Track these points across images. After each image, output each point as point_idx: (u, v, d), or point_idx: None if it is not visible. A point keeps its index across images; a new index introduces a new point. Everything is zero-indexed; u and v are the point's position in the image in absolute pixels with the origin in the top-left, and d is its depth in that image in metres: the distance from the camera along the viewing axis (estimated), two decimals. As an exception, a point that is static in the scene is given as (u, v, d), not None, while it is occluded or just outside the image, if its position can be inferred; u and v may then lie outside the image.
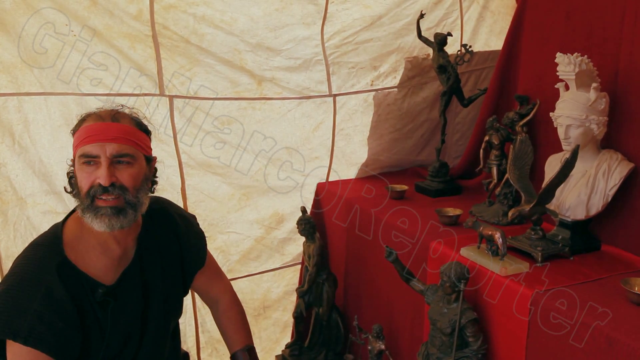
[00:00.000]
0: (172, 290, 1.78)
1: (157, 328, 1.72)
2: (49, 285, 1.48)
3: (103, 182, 1.49)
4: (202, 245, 1.92)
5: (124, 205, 1.53)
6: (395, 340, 2.45)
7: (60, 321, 1.47)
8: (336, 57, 2.90)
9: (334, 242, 2.90)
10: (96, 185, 1.50)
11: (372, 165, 3.10)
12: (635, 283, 1.72)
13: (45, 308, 1.45)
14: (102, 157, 1.51)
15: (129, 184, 1.54)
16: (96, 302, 1.56)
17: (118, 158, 1.53)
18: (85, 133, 1.52)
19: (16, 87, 2.28)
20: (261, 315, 3.08)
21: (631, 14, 2.09)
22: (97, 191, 1.50)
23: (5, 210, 2.34)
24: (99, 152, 1.51)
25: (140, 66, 2.48)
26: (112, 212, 1.51)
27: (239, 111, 2.76)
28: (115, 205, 1.52)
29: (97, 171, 1.51)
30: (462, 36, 3.17)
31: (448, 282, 1.89)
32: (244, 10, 2.63)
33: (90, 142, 1.50)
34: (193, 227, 1.92)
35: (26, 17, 2.22)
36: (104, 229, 1.52)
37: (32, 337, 1.42)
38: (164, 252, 1.75)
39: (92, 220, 1.52)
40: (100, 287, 1.56)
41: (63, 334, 1.47)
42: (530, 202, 1.98)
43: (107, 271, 1.60)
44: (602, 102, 2.00)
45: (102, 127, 1.52)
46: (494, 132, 2.49)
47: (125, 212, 1.54)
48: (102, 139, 1.51)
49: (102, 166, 1.50)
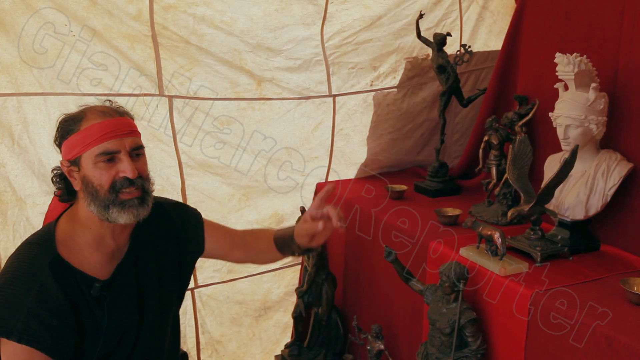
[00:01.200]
0: (167, 282, 1.77)
1: (154, 322, 1.71)
2: (42, 283, 1.47)
3: (131, 175, 1.52)
4: (200, 231, 1.89)
5: (144, 195, 1.58)
6: (394, 340, 2.45)
7: (55, 318, 1.46)
8: (336, 57, 2.90)
9: (333, 242, 2.89)
10: (120, 179, 1.52)
11: (372, 166, 3.10)
12: (635, 283, 1.72)
13: (39, 306, 1.45)
14: (122, 152, 1.53)
15: (145, 174, 1.60)
16: (92, 298, 1.55)
17: (135, 151, 1.57)
18: (98, 130, 1.52)
19: (15, 87, 2.27)
20: (262, 316, 3.08)
21: (630, 13, 2.09)
22: (124, 184, 1.52)
23: (5, 211, 2.34)
24: (119, 147, 1.53)
25: (139, 66, 2.48)
26: (138, 203, 1.55)
27: (239, 111, 2.76)
28: (139, 196, 1.56)
29: (117, 165, 1.53)
30: (461, 36, 3.17)
31: (447, 282, 1.89)
32: (243, 11, 2.63)
33: (109, 139, 1.52)
34: (187, 213, 1.89)
35: (25, 17, 2.21)
36: (131, 220, 1.55)
37: (26, 334, 1.42)
38: (158, 244, 1.75)
39: (118, 214, 1.53)
40: (96, 282, 1.56)
41: (57, 331, 1.47)
42: (529, 202, 1.98)
43: (101, 266, 1.60)
44: (601, 102, 2.00)
45: (116, 123, 1.55)
46: (493, 132, 2.50)
47: (147, 201, 1.58)
48: (120, 134, 1.53)
49: (124, 160, 1.53)
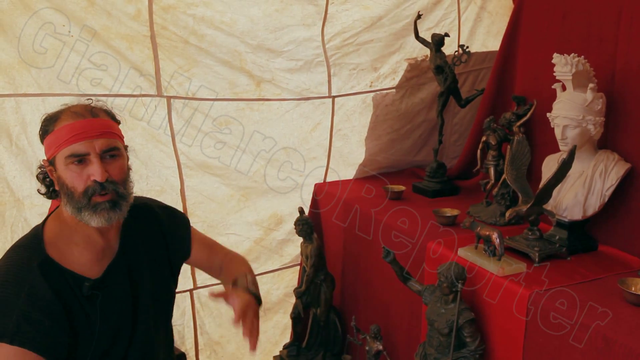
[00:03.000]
0: (160, 280, 1.76)
1: (148, 321, 1.70)
2: (32, 284, 1.47)
3: (99, 178, 1.49)
4: (187, 235, 1.89)
5: (117, 199, 1.54)
6: (392, 340, 2.45)
7: (47, 319, 1.46)
8: (337, 58, 2.90)
9: (331, 242, 2.89)
10: (92, 185, 1.50)
11: (370, 166, 3.10)
12: (632, 283, 1.72)
13: (30, 307, 1.44)
14: (92, 154, 1.50)
15: (119, 177, 1.55)
16: (83, 297, 1.54)
17: (107, 153, 1.53)
18: (68, 132, 1.49)
19: (14, 88, 2.27)
20: (261, 317, 3.05)
21: (627, 14, 2.09)
22: (96, 189, 1.50)
23: (3, 212, 2.33)
24: (89, 150, 1.49)
25: (138, 67, 2.47)
26: (109, 206, 1.52)
27: (237, 112, 2.75)
28: (110, 199, 1.53)
29: (87, 168, 1.50)
30: (459, 37, 3.17)
31: (445, 282, 1.89)
32: (243, 11, 2.63)
33: (78, 141, 1.48)
34: (176, 217, 1.89)
35: (23, 17, 2.21)
36: (102, 223, 1.53)
37: (18, 336, 1.41)
38: (147, 243, 1.74)
39: (90, 217, 1.51)
40: (86, 281, 1.55)
41: (50, 332, 1.46)
42: (527, 202, 1.99)
43: (91, 265, 1.59)
44: (598, 103, 2.01)
45: (86, 124, 1.51)
46: (491, 133, 2.50)
47: (119, 204, 1.55)
48: (90, 136, 1.49)
49: (93, 163, 1.49)
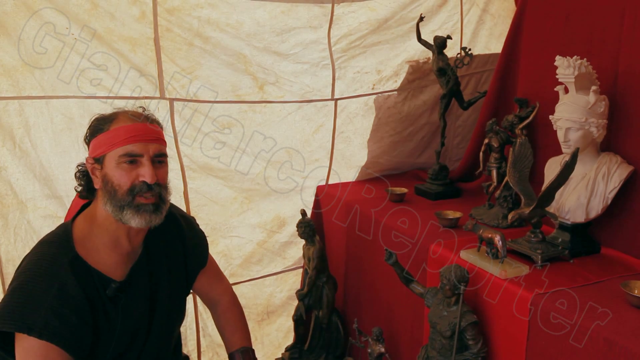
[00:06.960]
0: (176, 288, 1.81)
1: (161, 327, 1.74)
2: (62, 281, 1.50)
3: (149, 180, 1.55)
4: (204, 246, 1.97)
5: (160, 202, 1.60)
6: (395, 343, 2.44)
7: (74, 316, 1.49)
8: (343, 61, 2.90)
9: (333, 244, 2.89)
10: (139, 183, 1.56)
11: (372, 168, 3.10)
12: (635, 286, 1.71)
13: (60, 303, 1.48)
14: (145, 157, 1.57)
15: (164, 182, 1.63)
16: (107, 298, 1.58)
17: (158, 158, 1.61)
18: (125, 133, 1.56)
19: (17, 90, 2.28)
20: (264, 320, 3.08)
21: (630, 16, 2.09)
22: (142, 189, 1.56)
23: (6, 214, 2.34)
24: (143, 152, 1.57)
25: (140, 69, 2.48)
26: (152, 209, 1.58)
27: (240, 114, 2.76)
28: (154, 202, 1.59)
29: (138, 169, 1.56)
30: (461, 39, 3.18)
31: (448, 284, 1.89)
32: (249, 14, 2.63)
33: (135, 142, 1.56)
34: (194, 228, 1.96)
35: (27, 19, 2.22)
36: (143, 225, 1.58)
37: (46, 331, 1.44)
38: (168, 251, 1.79)
39: (131, 217, 1.56)
40: (112, 283, 1.59)
41: (77, 329, 1.50)
42: (530, 204, 1.98)
43: (117, 267, 1.63)
44: (601, 105, 2.00)
45: (144, 128, 1.59)
46: (494, 135, 2.50)
47: (161, 209, 1.61)
48: (146, 139, 1.58)
49: (145, 165, 1.57)
